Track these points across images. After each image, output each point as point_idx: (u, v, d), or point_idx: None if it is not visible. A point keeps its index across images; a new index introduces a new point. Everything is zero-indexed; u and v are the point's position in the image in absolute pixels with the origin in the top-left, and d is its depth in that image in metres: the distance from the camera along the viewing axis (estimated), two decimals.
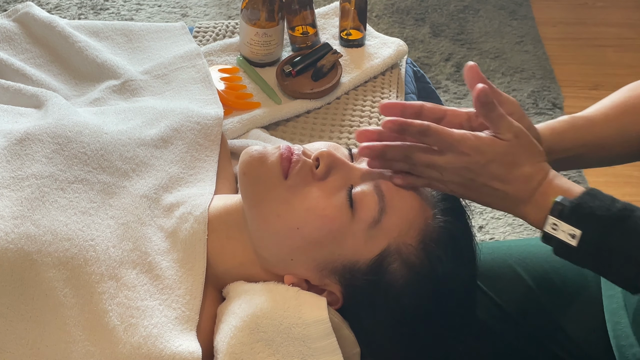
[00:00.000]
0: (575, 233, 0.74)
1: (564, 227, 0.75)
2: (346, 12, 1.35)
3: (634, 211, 0.74)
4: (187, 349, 0.78)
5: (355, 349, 0.83)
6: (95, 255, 0.82)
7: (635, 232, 0.73)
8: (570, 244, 0.75)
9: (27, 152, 0.88)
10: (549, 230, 0.76)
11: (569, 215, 0.75)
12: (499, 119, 0.79)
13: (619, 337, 0.91)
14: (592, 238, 0.74)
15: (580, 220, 0.74)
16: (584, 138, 0.95)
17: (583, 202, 0.75)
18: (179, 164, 0.99)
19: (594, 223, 0.74)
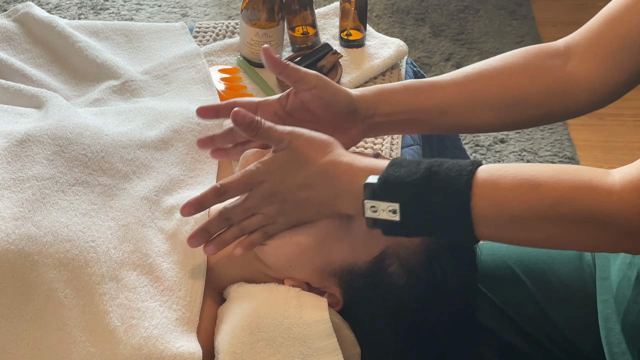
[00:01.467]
0: (395, 207, 0.72)
1: (382, 205, 0.72)
2: (346, 13, 1.35)
3: (441, 165, 0.73)
4: (187, 350, 0.78)
5: (355, 349, 0.83)
6: (96, 257, 0.82)
7: (446, 184, 0.71)
8: (394, 219, 0.72)
9: (27, 154, 0.88)
10: (370, 214, 0.74)
11: (381, 192, 0.73)
12: (268, 133, 0.79)
13: (612, 343, 0.91)
14: (410, 205, 0.72)
15: (393, 192, 0.72)
16: (419, 102, 0.91)
17: (389, 175, 0.73)
18: (180, 166, 0.99)
19: (406, 190, 0.72)
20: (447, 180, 0.71)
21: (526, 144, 2.19)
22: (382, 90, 0.91)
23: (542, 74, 0.92)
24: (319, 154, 0.78)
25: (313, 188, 0.78)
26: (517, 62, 0.93)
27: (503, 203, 0.70)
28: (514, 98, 0.92)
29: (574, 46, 0.92)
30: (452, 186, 0.71)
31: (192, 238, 0.82)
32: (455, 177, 0.71)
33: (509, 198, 0.70)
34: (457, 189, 0.71)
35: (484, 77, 0.92)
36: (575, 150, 2.20)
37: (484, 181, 0.71)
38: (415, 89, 0.92)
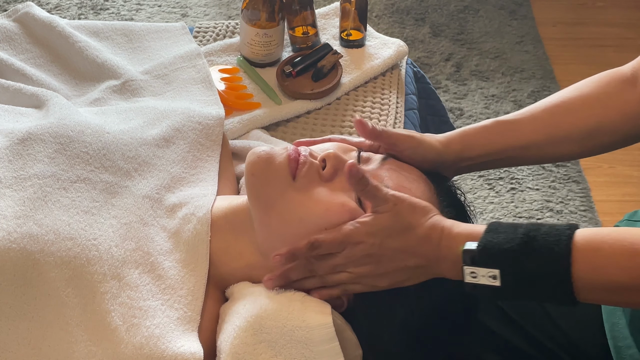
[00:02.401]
0: (495, 273, 0.74)
1: (482, 271, 0.75)
2: (346, 13, 1.35)
3: (538, 230, 0.75)
4: (188, 349, 0.78)
5: (357, 351, 0.83)
6: (97, 255, 0.82)
7: (545, 249, 0.73)
8: (495, 285, 0.74)
9: (29, 152, 0.88)
10: (469, 280, 0.76)
11: (481, 259, 0.75)
12: (374, 192, 0.80)
13: (617, 338, 0.91)
14: (510, 271, 0.74)
15: (492, 259, 0.74)
16: (504, 142, 0.96)
17: (488, 242, 0.75)
18: (181, 164, 0.99)
19: (505, 257, 0.74)
20: (546, 246, 0.73)
21: None
22: (466, 136, 0.96)
23: (616, 100, 0.95)
24: (421, 219, 0.80)
25: (412, 253, 0.79)
26: (591, 92, 0.97)
27: (603, 269, 0.72)
28: (590, 128, 0.95)
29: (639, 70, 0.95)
30: (552, 252, 0.73)
31: (270, 281, 0.82)
32: (554, 242, 0.73)
33: (610, 265, 0.72)
34: (557, 254, 0.72)
35: (561, 110, 0.96)
36: None
37: (583, 246, 0.73)
38: (497, 131, 0.97)
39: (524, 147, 0.96)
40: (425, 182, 0.88)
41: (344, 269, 0.81)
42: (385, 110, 1.29)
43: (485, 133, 0.96)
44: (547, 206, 2.03)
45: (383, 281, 0.81)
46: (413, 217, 0.79)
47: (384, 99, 1.31)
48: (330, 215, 0.81)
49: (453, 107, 2.31)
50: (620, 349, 0.90)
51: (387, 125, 1.25)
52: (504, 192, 2.07)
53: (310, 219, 0.81)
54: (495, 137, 0.96)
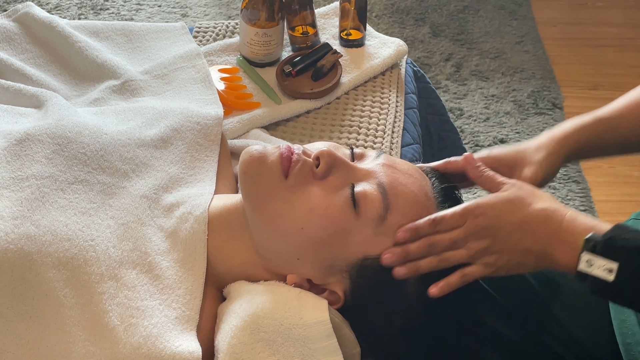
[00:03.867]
0: (612, 267, 0.73)
1: (600, 262, 0.74)
2: (346, 12, 1.35)
3: None
4: (187, 348, 0.78)
5: (355, 348, 0.83)
6: (95, 256, 0.82)
7: None
8: (607, 279, 0.74)
9: (27, 153, 0.88)
10: (583, 268, 0.75)
11: (604, 248, 0.74)
12: (491, 180, 0.83)
13: (625, 334, 0.91)
14: (630, 270, 0.73)
15: (615, 253, 0.74)
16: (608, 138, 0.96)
17: (615, 236, 0.75)
18: (179, 164, 0.99)
19: (630, 254, 0.73)
20: None
21: None
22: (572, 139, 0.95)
23: None
24: (539, 200, 0.80)
25: (528, 230, 0.79)
26: None
27: None
28: None
29: None
30: None
31: (390, 255, 0.81)
32: None
33: None
34: None
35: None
36: None
37: None
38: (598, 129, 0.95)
39: (625, 142, 0.96)
40: (422, 177, 0.88)
41: (462, 244, 0.81)
42: (385, 109, 1.29)
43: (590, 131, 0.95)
44: None
45: (500, 260, 0.81)
46: (533, 196, 0.80)
47: (383, 98, 1.31)
48: (317, 215, 0.81)
49: (453, 107, 2.31)
50: (629, 346, 0.90)
51: (387, 125, 1.25)
52: None
53: (299, 217, 0.81)
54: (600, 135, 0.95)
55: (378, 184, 0.83)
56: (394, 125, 1.25)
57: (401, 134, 1.24)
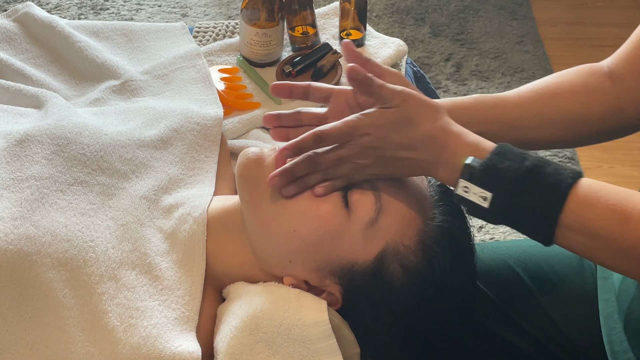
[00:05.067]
0: (487, 195, 0.74)
1: (475, 189, 0.75)
2: (346, 12, 1.35)
3: (544, 167, 0.74)
4: (186, 349, 0.78)
5: (355, 349, 0.83)
6: (94, 256, 0.82)
7: (543, 189, 0.73)
8: (482, 205, 0.75)
9: (26, 154, 0.88)
10: (461, 193, 0.76)
11: (479, 178, 0.74)
12: (380, 90, 0.79)
13: (613, 342, 0.91)
14: (502, 199, 0.74)
15: (490, 182, 0.74)
16: (491, 116, 0.94)
17: (492, 164, 0.74)
18: (179, 165, 0.99)
19: (503, 185, 0.74)
20: (545, 188, 0.73)
21: None
22: (457, 105, 0.94)
23: (599, 92, 0.95)
24: (429, 118, 0.79)
25: (416, 149, 0.78)
26: (576, 80, 0.97)
27: (590, 225, 0.72)
28: (576, 114, 0.95)
29: (614, 67, 0.96)
30: (548, 196, 0.73)
31: (275, 177, 0.80)
32: (554, 187, 0.73)
33: (597, 224, 0.72)
34: (552, 200, 0.73)
35: (548, 93, 0.96)
36: (575, 150, 2.20)
37: (579, 198, 0.73)
38: (485, 104, 0.95)
39: (511, 125, 0.94)
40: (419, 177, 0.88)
41: (348, 161, 0.80)
42: None
43: (476, 105, 0.94)
44: None
45: (382, 171, 0.81)
46: (421, 113, 0.78)
47: None
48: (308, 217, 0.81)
49: None
50: (617, 354, 0.90)
51: None
52: None
53: (291, 220, 0.81)
54: (486, 110, 0.94)
55: (372, 186, 0.82)
56: None
57: None
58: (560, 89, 0.96)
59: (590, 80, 0.96)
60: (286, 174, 0.81)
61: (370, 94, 0.79)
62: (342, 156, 0.80)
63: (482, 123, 0.92)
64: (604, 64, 0.98)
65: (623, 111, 0.95)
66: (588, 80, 0.96)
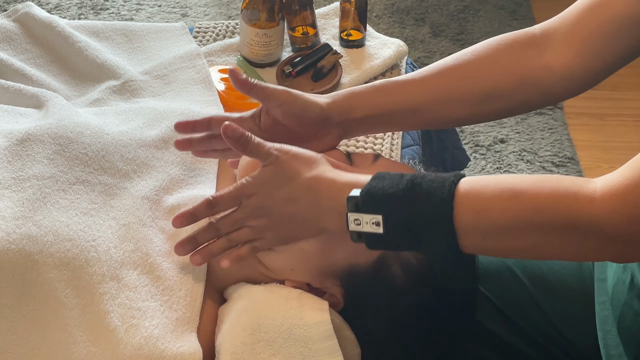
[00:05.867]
0: (378, 219, 0.72)
1: (365, 217, 0.72)
2: (346, 13, 1.35)
3: (424, 177, 0.73)
4: (188, 350, 0.78)
5: (355, 349, 0.83)
6: (96, 256, 0.82)
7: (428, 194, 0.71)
8: (378, 232, 0.72)
9: (28, 153, 0.88)
10: (353, 227, 0.73)
11: (364, 204, 0.72)
12: (256, 149, 0.79)
13: (609, 345, 0.91)
14: (393, 217, 0.72)
15: (375, 204, 0.72)
16: (393, 102, 0.91)
17: (372, 187, 0.73)
18: (180, 165, 0.99)
19: (388, 202, 0.72)
20: (429, 191, 0.71)
21: (526, 144, 2.19)
22: (352, 94, 0.91)
23: (515, 65, 0.91)
24: (305, 169, 0.78)
25: (298, 203, 0.78)
26: (489, 54, 0.93)
27: (485, 211, 0.70)
28: (485, 91, 0.91)
29: (552, 33, 0.91)
30: (434, 197, 0.71)
31: (180, 246, 0.83)
32: (438, 188, 0.71)
33: (491, 207, 0.70)
34: (440, 199, 0.70)
35: (455, 73, 0.92)
36: (575, 150, 2.20)
37: (465, 191, 0.71)
38: (385, 90, 0.92)
39: (414, 110, 0.91)
40: None
41: (245, 224, 0.81)
42: None
43: (374, 93, 0.92)
44: None
45: (282, 233, 0.81)
46: (296, 166, 0.78)
47: None
48: None
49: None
50: (612, 357, 0.90)
51: None
52: None
53: None
54: (384, 97, 0.91)
55: None
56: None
57: (401, 135, 1.23)
58: (468, 67, 0.92)
59: (508, 52, 0.92)
60: (190, 241, 0.82)
61: (247, 152, 0.80)
62: (236, 219, 0.81)
63: (381, 112, 0.91)
64: (536, 28, 0.93)
65: (547, 81, 0.90)
66: (506, 53, 0.92)
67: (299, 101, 0.88)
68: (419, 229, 0.71)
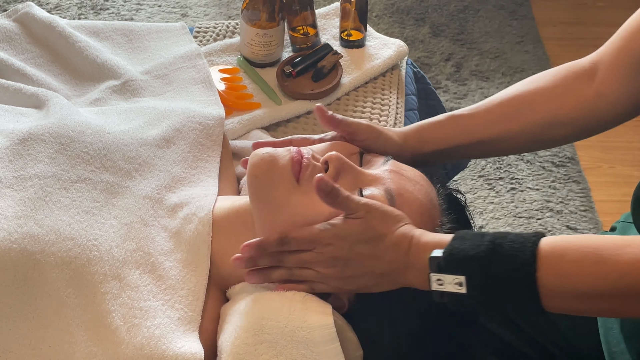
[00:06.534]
0: (460, 280, 0.74)
1: (448, 278, 0.74)
2: (347, 13, 1.35)
3: (505, 237, 0.74)
4: (189, 350, 0.78)
5: (358, 351, 0.83)
6: (98, 255, 0.82)
7: (510, 256, 0.72)
8: (461, 292, 0.74)
9: (29, 152, 0.88)
10: (436, 287, 0.75)
11: (447, 265, 0.74)
12: (346, 202, 0.79)
13: (610, 343, 0.91)
14: (476, 278, 0.73)
15: (458, 265, 0.74)
16: (461, 136, 0.97)
17: (454, 248, 0.75)
18: (182, 164, 0.99)
19: (471, 263, 0.73)
20: (511, 253, 0.73)
21: None
22: (422, 130, 0.97)
23: (571, 95, 0.95)
24: (392, 227, 0.79)
25: (381, 260, 0.79)
26: (546, 85, 0.97)
27: (568, 276, 0.72)
28: (545, 122, 0.96)
29: (598, 61, 0.96)
30: (517, 258, 0.72)
31: (238, 260, 0.82)
32: (519, 249, 0.73)
33: (574, 272, 0.72)
34: (522, 260, 0.72)
35: (515, 104, 0.97)
36: (575, 150, 2.20)
37: (547, 253, 0.73)
38: (450, 125, 0.97)
39: (477, 141, 0.97)
40: (427, 184, 0.88)
41: (312, 266, 0.81)
42: (385, 110, 1.29)
43: (441, 128, 0.97)
44: (547, 206, 2.03)
45: (349, 285, 0.81)
46: (384, 225, 0.79)
47: (384, 100, 1.31)
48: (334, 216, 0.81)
49: (453, 107, 2.31)
50: (614, 354, 0.90)
51: (388, 126, 1.25)
52: (504, 192, 2.07)
53: (318, 221, 0.81)
54: (451, 132, 0.97)
55: (386, 190, 0.83)
56: (394, 127, 1.25)
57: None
58: (528, 99, 0.97)
59: (564, 83, 0.97)
60: (249, 261, 0.82)
61: (336, 205, 0.79)
62: (305, 261, 0.81)
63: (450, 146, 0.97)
64: (586, 60, 0.98)
65: (599, 108, 0.95)
66: (562, 83, 0.97)
67: (380, 138, 0.93)
68: (502, 289, 0.73)
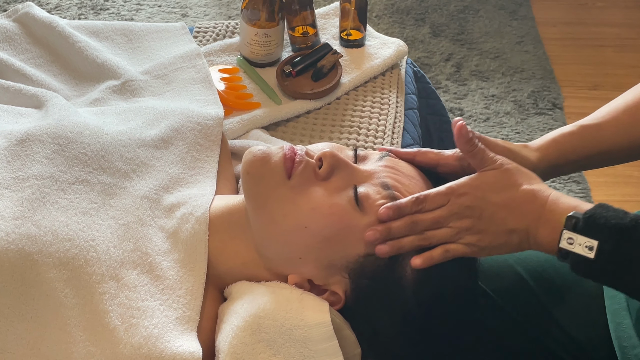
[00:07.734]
0: (592, 244, 0.73)
1: (580, 239, 0.74)
2: (346, 13, 1.35)
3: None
4: (187, 349, 0.78)
5: (356, 349, 0.83)
6: (96, 256, 0.82)
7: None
8: (587, 256, 0.74)
9: (27, 153, 0.88)
10: (564, 245, 0.75)
11: (584, 226, 0.74)
12: (482, 154, 0.80)
13: (621, 338, 0.91)
14: (609, 247, 0.73)
15: (596, 230, 0.74)
16: (593, 147, 0.96)
17: (596, 213, 0.75)
18: (180, 165, 0.99)
19: (610, 232, 0.73)
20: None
21: None
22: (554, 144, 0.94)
23: None
24: (527, 181, 0.80)
25: (514, 210, 0.79)
26: None
27: None
28: None
29: None
30: None
31: (373, 231, 0.81)
32: None
33: None
34: None
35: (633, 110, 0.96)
36: None
37: None
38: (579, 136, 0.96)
39: (605, 151, 0.96)
40: (424, 181, 0.88)
41: (445, 223, 0.80)
42: (385, 109, 1.29)
43: (571, 140, 0.96)
44: None
45: (483, 240, 0.80)
46: (519, 175, 0.80)
47: (383, 99, 1.31)
48: (320, 214, 0.81)
49: (453, 107, 2.31)
50: (625, 349, 0.90)
51: (387, 125, 1.25)
52: None
53: (303, 216, 0.81)
54: (581, 143, 0.96)
55: (382, 184, 0.83)
56: (394, 126, 1.25)
57: (401, 134, 1.24)
58: None
59: None
60: (384, 232, 0.81)
61: (472, 155, 0.81)
62: (440, 216, 0.80)
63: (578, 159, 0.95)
64: None
65: None
66: None
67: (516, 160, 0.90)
68: (631, 266, 0.73)
